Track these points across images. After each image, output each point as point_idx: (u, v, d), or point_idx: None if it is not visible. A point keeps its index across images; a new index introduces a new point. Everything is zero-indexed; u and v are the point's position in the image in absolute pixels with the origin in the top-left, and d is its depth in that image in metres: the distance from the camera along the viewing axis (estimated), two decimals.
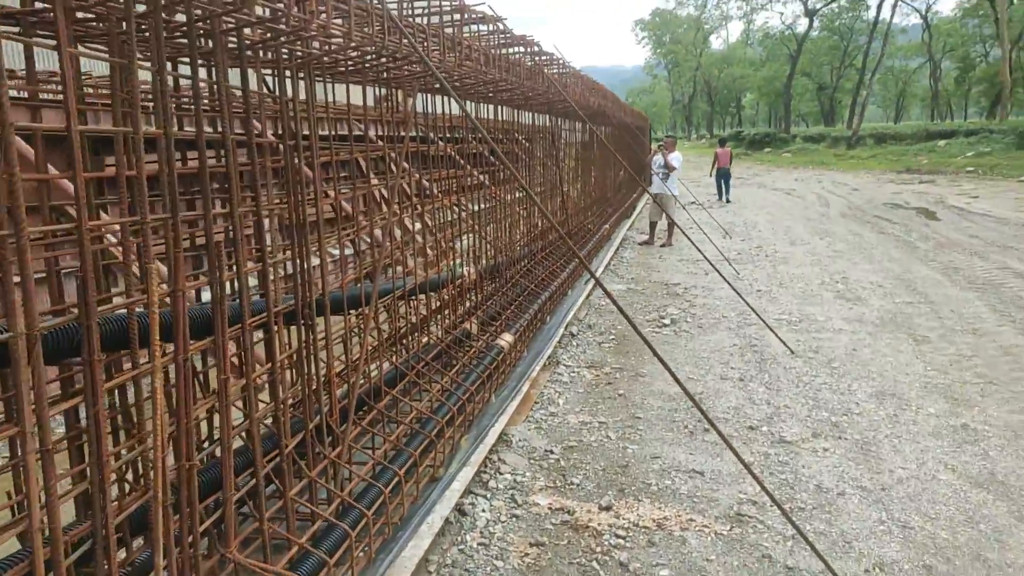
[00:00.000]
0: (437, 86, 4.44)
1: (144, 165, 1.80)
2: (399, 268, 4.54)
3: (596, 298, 8.43)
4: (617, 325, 7.29)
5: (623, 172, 16.65)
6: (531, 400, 5.21)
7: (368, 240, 3.95)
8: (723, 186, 19.56)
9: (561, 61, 7.11)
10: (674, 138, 13.53)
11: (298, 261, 2.76)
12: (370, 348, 3.55)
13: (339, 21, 2.81)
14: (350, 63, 3.16)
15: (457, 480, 3.65)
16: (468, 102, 5.23)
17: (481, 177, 5.81)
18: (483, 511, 3.69)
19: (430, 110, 4.61)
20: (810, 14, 57.14)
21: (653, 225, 12.66)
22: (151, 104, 2.61)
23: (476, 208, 5.46)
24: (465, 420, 4.09)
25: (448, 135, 5.37)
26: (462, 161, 5.41)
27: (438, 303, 4.72)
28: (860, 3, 59.02)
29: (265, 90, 2.83)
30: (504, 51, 5.29)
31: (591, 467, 4.20)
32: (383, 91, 4.98)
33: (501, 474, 4.10)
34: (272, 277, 2.57)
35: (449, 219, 5.01)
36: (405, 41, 2.99)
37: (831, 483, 3.94)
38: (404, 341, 4.05)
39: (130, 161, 1.87)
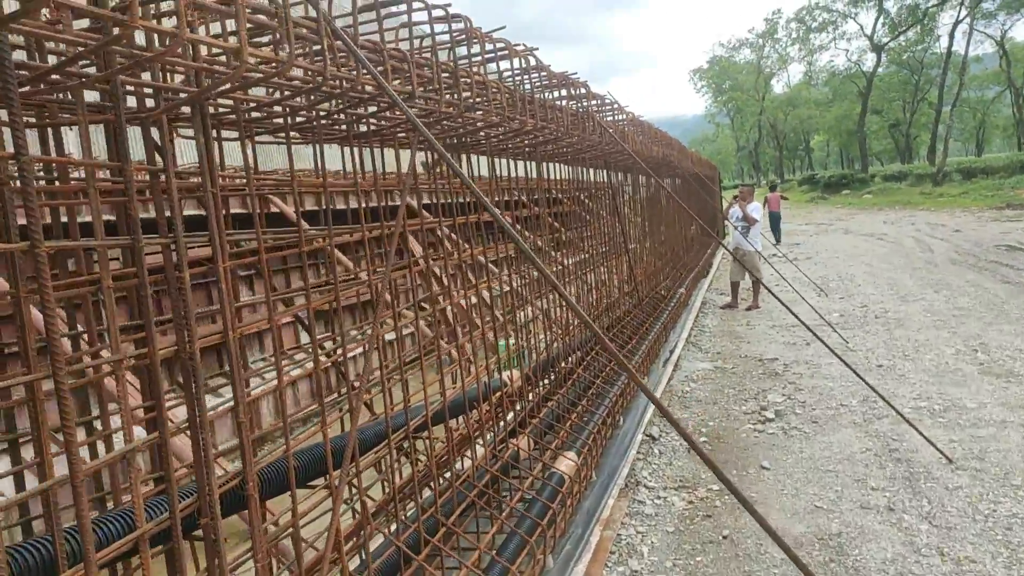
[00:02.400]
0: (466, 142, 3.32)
1: None
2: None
3: (678, 382, 7.05)
4: (708, 421, 5.89)
5: (695, 227, 15.29)
6: (605, 548, 3.87)
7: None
8: (776, 230, 20.76)
9: (615, 105, 5.95)
10: (751, 187, 12.14)
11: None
12: (342, 535, 2.34)
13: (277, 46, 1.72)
14: (282, 110, 2.05)
15: None
16: (497, 159, 4.11)
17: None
18: None
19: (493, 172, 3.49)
20: (877, 49, 54.98)
21: (735, 286, 11.21)
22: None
23: (509, 288, 4.27)
24: None
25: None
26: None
27: (466, 428, 3.49)
28: (930, 35, 56.52)
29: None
30: (542, 95, 4.16)
31: None
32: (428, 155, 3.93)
33: None
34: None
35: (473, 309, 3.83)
36: (363, 71, 1.86)
37: None
38: (411, 498, 2.82)
39: None
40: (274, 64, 1.66)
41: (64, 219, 1.85)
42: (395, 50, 2.38)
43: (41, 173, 1.82)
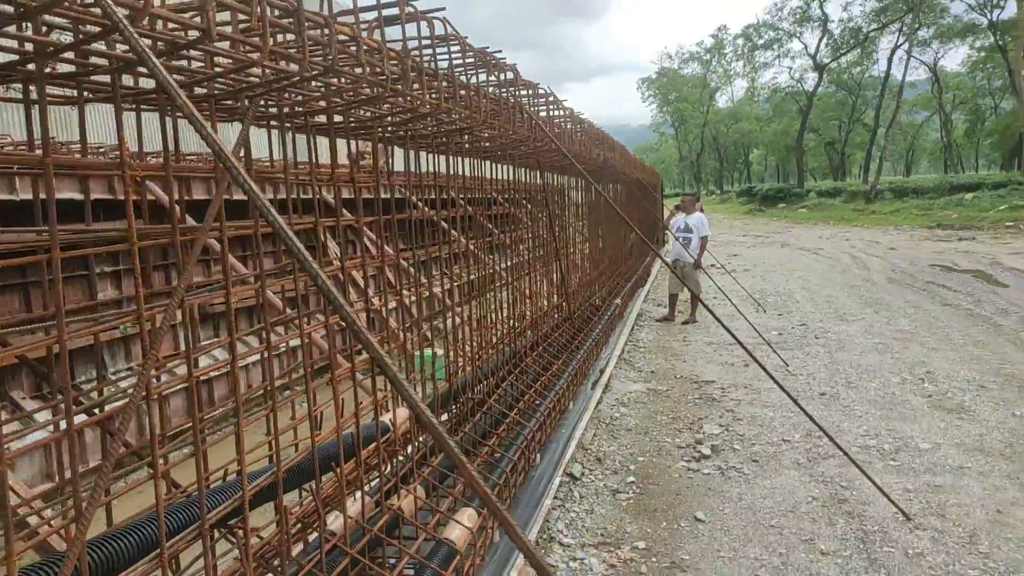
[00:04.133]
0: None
1: None
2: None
3: (608, 405, 6.39)
4: (638, 456, 5.23)
5: (635, 234, 14.80)
6: None
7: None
8: None
9: (549, 96, 5.24)
10: (693, 196, 11.64)
11: None
12: None
13: None
14: None
15: None
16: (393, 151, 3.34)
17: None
18: None
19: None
20: (819, 69, 56.16)
21: (673, 298, 10.66)
22: None
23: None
24: None
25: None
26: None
27: (314, 499, 2.69)
28: (868, 58, 58.15)
29: None
30: (466, 78, 3.41)
31: None
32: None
33: None
34: None
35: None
36: None
37: None
38: None
39: None
40: None
41: None
42: None
43: None
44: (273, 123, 2.57)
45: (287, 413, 2.76)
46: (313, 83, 2.35)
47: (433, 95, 2.90)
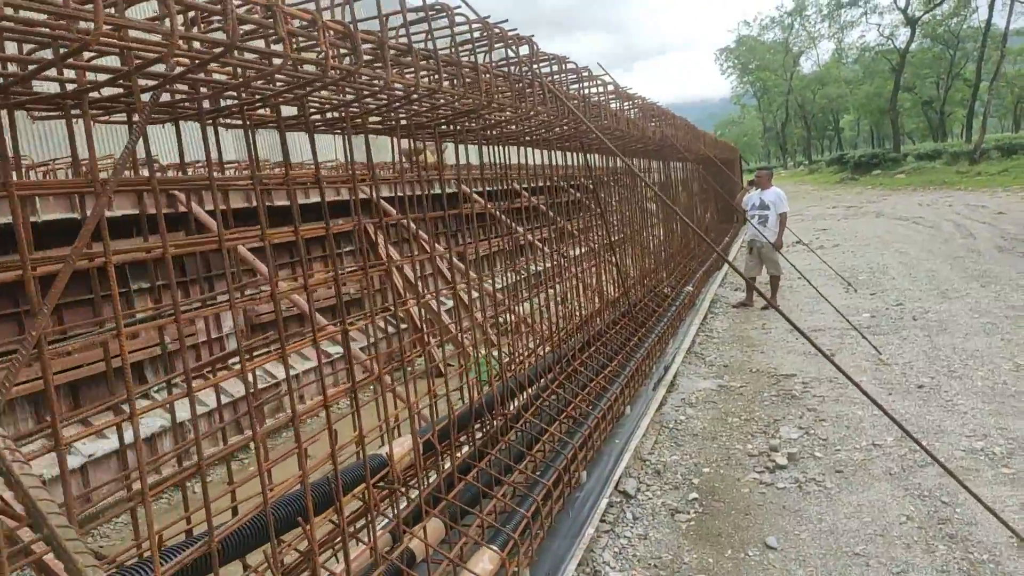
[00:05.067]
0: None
1: None
2: None
3: (672, 407, 5.83)
4: (703, 466, 4.68)
5: (708, 215, 14.00)
6: None
7: None
8: None
9: (583, 71, 4.70)
10: (770, 170, 10.78)
11: None
12: None
13: None
14: None
15: None
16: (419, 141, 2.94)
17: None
18: None
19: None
20: (911, 23, 52.37)
21: (751, 282, 9.90)
22: None
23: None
24: None
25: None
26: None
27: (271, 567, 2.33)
28: (966, 7, 53.76)
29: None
30: (470, 54, 2.96)
31: None
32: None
33: None
34: None
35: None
36: None
37: None
38: None
39: None
40: None
41: None
42: None
43: None
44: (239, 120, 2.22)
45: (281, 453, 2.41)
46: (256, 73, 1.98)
47: (429, 75, 2.49)
